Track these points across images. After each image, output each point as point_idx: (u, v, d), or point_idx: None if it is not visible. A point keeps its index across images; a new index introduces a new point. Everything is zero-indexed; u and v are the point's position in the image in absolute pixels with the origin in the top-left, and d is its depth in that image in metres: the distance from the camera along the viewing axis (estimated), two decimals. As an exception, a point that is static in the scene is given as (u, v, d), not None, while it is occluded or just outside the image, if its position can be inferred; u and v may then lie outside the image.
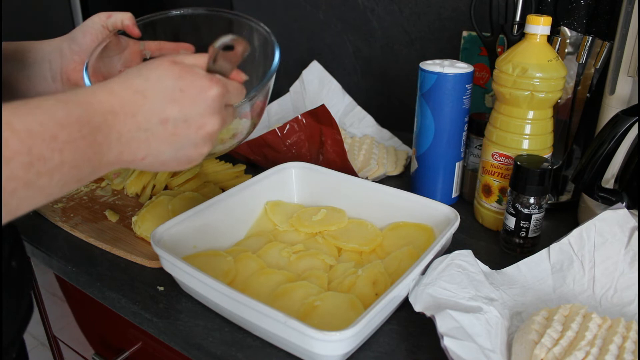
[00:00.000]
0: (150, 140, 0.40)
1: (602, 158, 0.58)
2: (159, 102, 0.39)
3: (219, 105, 0.43)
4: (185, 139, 0.41)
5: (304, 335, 0.45)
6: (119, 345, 0.74)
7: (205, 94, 0.41)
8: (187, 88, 0.41)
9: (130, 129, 0.38)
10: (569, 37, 0.69)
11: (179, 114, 0.40)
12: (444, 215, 0.64)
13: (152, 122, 0.39)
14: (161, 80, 0.40)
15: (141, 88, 0.39)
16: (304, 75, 1.07)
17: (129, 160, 0.40)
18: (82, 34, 0.61)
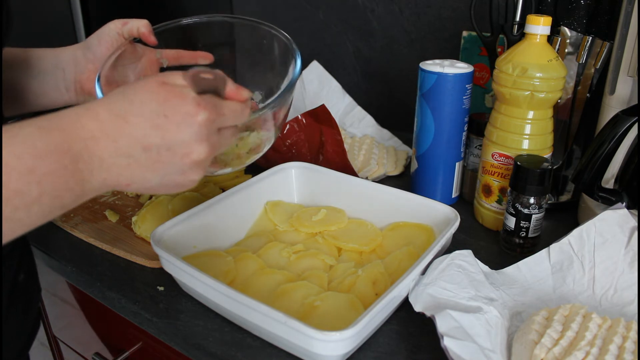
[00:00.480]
0: (133, 166, 0.38)
1: (602, 158, 0.58)
2: (141, 127, 0.37)
3: (207, 132, 0.39)
4: (170, 166, 0.39)
5: (304, 335, 0.45)
6: (118, 345, 0.74)
7: (191, 119, 0.38)
8: (172, 114, 0.38)
9: (111, 154, 0.37)
10: (569, 37, 0.69)
11: (162, 142, 0.38)
12: (444, 215, 0.64)
13: (135, 148, 0.37)
14: (145, 104, 0.38)
15: (123, 112, 0.37)
16: (304, 75, 1.07)
17: (113, 186, 0.38)
18: (97, 42, 0.60)
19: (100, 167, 0.36)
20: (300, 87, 1.08)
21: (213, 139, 0.40)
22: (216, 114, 0.40)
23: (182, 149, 0.39)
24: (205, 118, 0.39)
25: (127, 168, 0.38)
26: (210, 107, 0.39)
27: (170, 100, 0.38)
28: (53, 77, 0.60)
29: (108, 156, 0.36)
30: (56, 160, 0.34)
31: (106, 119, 0.37)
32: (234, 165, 0.60)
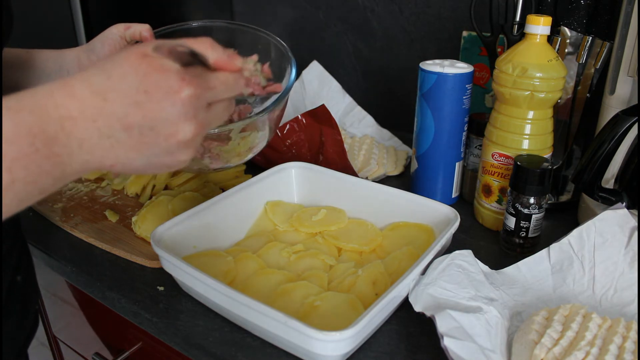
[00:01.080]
0: (115, 147, 0.35)
1: (602, 158, 0.58)
2: (120, 105, 0.34)
3: (193, 109, 0.36)
4: (155, 147, 0.36)
5: (304, 335, 0.45)
6: (118, 345, 0.74)
7: (174, 96, 0.35)
8: (153, 89, 0.34)
9: (92, 135, 0.34)
10: (569, 37, 0.69)
11: (144, 121, 0.35)
12: (444, 215, 0.64)
13: (115, 128, 0.34)
14: (124, 78, 0.34)
15: (101, 88, 0.34)
16: (304, 75, 1.07)
17: (96, 167, 0.36)
18: (100, 45, 0.61)
19: (80, 149, 0.34)
20: (300, 87, 1.08)
21: (201, 116, 0.37)
22: (203, 87, 0.37)
23: (166, 129, 0.35)
24: (190, 94, 0.36)
25: (109, 149, 0.35)
26: (195, 81, 0.36)
27: (151, 75, 0.34)
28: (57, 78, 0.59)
29: (88, 137, 0.34)
30: (28, 143, 0.31)
31: (83, 95, 0.34)
32: (234, 162, 0.63)
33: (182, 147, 0.37)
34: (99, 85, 0.34)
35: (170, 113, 0.35)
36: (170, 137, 0.36)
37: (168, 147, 0.36)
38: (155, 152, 0.36)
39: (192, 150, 0.38)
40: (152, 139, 0.35)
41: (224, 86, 0.39)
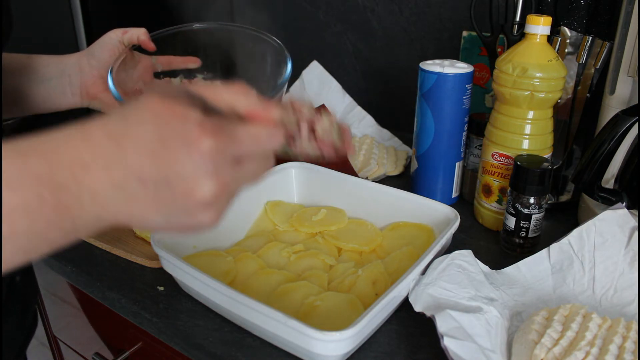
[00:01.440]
0: (130, 202, 0.30)
1: (602, 158, 0.58)
2: (134, 154, 0.30)
3: (214, 164, 0.31)
4: (173, 205, 0.31)
5: (304, 335, 0.45)
6: (118, 345, 0.74)
7: (191, 148, 0.30)
8: (170, 138, 0.30)
9: (104, 186, 0.29)
10: (569, 37, 0.69)
11: (159, 175, 0.30)
12: (444, 215, 0.64)
13: (129, 180, 0.30)
14: (142, 124, 0.30)
15: (117, 133, 0.30)
16: (304, 75, 1.07)
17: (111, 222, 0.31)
18: (100, 49, 0.64)
19: (94, 201, 0.30)
20: (300, 87, 1.08)
21: (224, 173, 0.31)
22: (227, 140, 0.31)
23: (182, 185, 0.30)
24: (210, 146, 0.30)
25: (124, 203, 0.30)
26: (219, 131, 0.31)
27: (169, 122, 0.30)
28: (59, 82, 0.63)
29: (101, 188, 0.29)
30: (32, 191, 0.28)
31: (99, 140, 0.30)
32: None
33: (200, 207, 0.31)
34: (116, 130, 0.30)
35: (187, 167, 0.30)
36: (187, 195, 0.31)
37: (186, 206, 0.31)
38: (172, 211, 0.31)
39: (215, 212, 0.32)
40: (168, 196, 0.31)
41: (254, 140, 0.33)
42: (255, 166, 0.34)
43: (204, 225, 0.33)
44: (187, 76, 0.75)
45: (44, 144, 0.29)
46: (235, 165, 0.32)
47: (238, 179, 0.33)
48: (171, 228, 0.33)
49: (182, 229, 0.33)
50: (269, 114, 0.35)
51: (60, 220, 0.29)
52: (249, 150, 0.33)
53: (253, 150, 0.33)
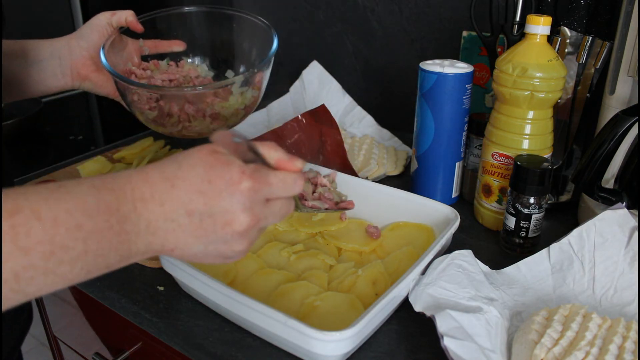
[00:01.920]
0: (177, 231, 0.37)
1: (602, 158, 0.58)
2: (186, 192, 0.37)
3: (250, 201, 0.38)
4: (212, 234, 0.38)
5: (303, 335, 0.45)
6: (118, 345, 0.74)
7: (233, 187, 0.37)
8: (215, 179, 0.37)
9: (157, 218, 0.36)
10: (569, 37, 0.69)
11: (204, 208, 0.37)
12: (444, 215, 0.64)
13: (179, 212, 0.37)
14: (192, 169, 0.37)
15: (172, 175, 0.37)
16: (304, 75, 1.07)
17: (158, 250, 0.38)
18: (89, 31, 0.66)
19: (147, 230, 0.36)
20: (300, 87, 1.08)
21: (257, 209, 0.39)
22: (262, 182, 0.39)
23: (223, 217, 0.37)
24: (249, 186, 0.38)
25: (172, 233, 0.37)
26: (255, 175, 0.38)
27: (215, 167, 0.37)
28: (50, 64, 0.65)
29: (154, 219, 0.36)
30: (104, 219, 0.34)
31: (156, 181, 0.37)
32: (231, 122, 0.70)
33: (236, 237, 0.39)
34: (170, 173, 0.37)
35: (229, 202, 0.37)
36: (226, 226, 0.38)
37: (224, 235, 0.38)
38: (211, 240, 0.38)
39: (247, 242, 0.40)
40: (210, 226, 0.37)
41: (282, 184, 0.41)
42: (280, 206, 0.41)
43: (235, 252, 0.40)
44: (173, 59, 0.77)
45: (112, 182, 0.36)
46: (266, 203, 0.40)
47: (267, 216, 0.40)
48: (208, 255, 0.39)
49: (218, 257, 0.40)
50: (294, 164, 0.42)
51: (120, 245, 0.35)
52: (277, 191, 0.40)
53: (280, 192, 0.41)
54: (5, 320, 0.53)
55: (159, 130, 0.69)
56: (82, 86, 0.69)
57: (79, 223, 0.33)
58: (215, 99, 0.68)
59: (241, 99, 0.69)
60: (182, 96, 0.67)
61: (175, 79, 0.74)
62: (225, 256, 0.40)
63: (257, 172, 0.39)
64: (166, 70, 0.75)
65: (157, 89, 0.69)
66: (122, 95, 0.68)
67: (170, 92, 0.68)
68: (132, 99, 0.67)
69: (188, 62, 0.77)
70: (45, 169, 0.90)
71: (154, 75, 0.72)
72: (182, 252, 0.39)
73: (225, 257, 0.40)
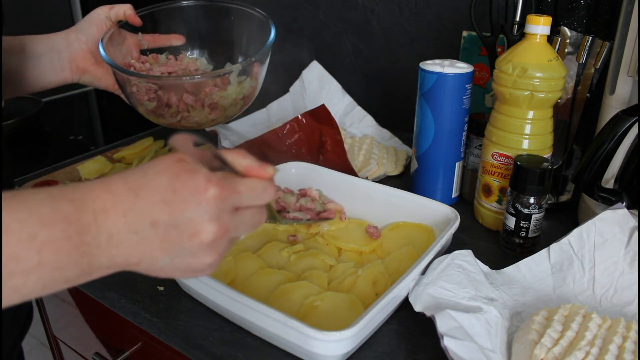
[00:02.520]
0: (141, 244, 0.35)
1: (602, 158, 0.58)
2: (150, 202, 0.35)
3: (217, 210, 0.36)
4: (179, 246, 0.36)
5: (303, 335, 0.45)
6: (118, 345, 0.74)
7: (199, 196, 0.35)
8: (180, 188, 0.35)
9: (120, 229, 0.34)
10: (569, 37, 0.69)
11: (169, 218, 0.35)
12: (444, 215, 0.64)
13: (142, 223, 0.35)
14: (157, 178, 0.35)
15: (136, 185, 0.35)
16: (304, 75, 1.07)
17: (122, 264, 0.36)
18: (88, 25, 0.67)
19: (109, 242, 0.34)
20: (300, 87, 1.08)
21: (225, 218, 0.37)
22: (229, 190, 0.37)
23: (189, 228, 0.35)
24: (215, 194, 0.36)
25: (136, 246, 0.35)
26: (222, 183, 0.36)
27: (180, 175, 0.35)
28: (49, 58, 0.66)
29: (117, 231, 0.34)
30: (61, 229, 0.32)
31: (119, 191, 0.35)
32: (230, 112, 0.70)
33: (204, 248, 0.36)
34: (134, 182, 0.35)
35: (194, 212, 0.35)
36: (192, 237, 0.36)
37: (191, 247, 0.36)
38: (178, 252, 0.36)
39: (216, 254, 0.37)
40: (175, 237, 0.35)
41: (251, 192, 0.38)
42: (251, 215, 0.39)
43: (204, 265, 0.37)
44: (172, 53, 0.77)
45: (72, 192, 0.34)
46: (235, 212, 0.38)
47: (236, 226, 0.38)
48: (176, 269, 0.37)
49: (186, 270, 0.38)
50: (264, 171, 0.40)
51: (79, 258, 0.33)
52: (246, 199, 0.38)
53: (250, 200, 0.38)
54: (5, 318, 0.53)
55: (158, 122, 0.70)
56: (81, 80, 0.69)
57: (33, 233, 0.31)
58: (213, 89, 0.68)
59: (239, 89, 0.69)
60: (181, 86, 0.67)
61: (174, 71, 0.74)
62: (194, 269, 0.38)
63: (224, 180, 0.37)
64: (165, 63, 0.75)
65: (156, 79, 0.69)
66: (121, 88, 0.68)
67: (169, 82, 0.68)
68: (131, 91, 0.67)
69: (187, 55, 0.78)
70: (45, 169, 0.90)
71: (152, 68, 0.73)
72: (148, 266, 0.36)
73: (194, 270, 0.38)
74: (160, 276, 0.38)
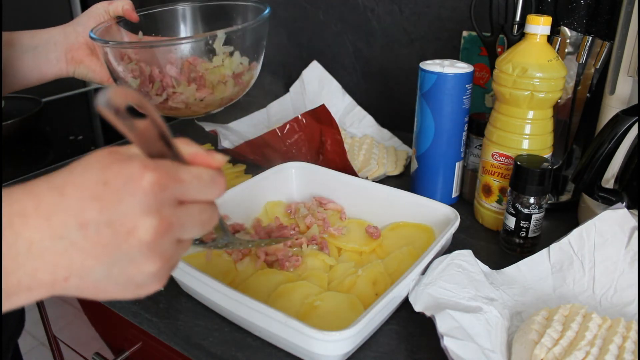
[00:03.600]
0: (69, 252, 0.29)
1: (602, 158, 0.58)
2: (77, 199, 0.29)
3: (156, 201, 0.30)
4: (115, 250, 0.30)
5: (303, 335, 0.45)
6: (118, 345, 0.74)
7: (134, 184, 0.30)
8: (112, 179, 0.30)
9: (43, 236, 0.29)
10: (569, 37, 0.69)
11: (100, 215, 0.29)
12: (444, 215, 0.64)
13: (69, 226, 0.29)
14: (85, 172, 0.30)
15: (61, 183, 0.30)
16: (304, 75, 1.07)
17: (48, 281, 0.29)
18: (86, 19, 0.69)
19: (29, 253, 0.28)
20: (300, 87, 1.08)
21: (167, 211, 0.31)
22: (170, 178, 0.31)
23: (124, 224, 0.29)
24: (152, 181, 0.30)
25: (62, 254, 0.29)
26: (162, 169, 0.31)
27: (112, 165, 0.30)
28: (44, 50, 0.67)
29: (39, 238, 0.28)
30: None
31: (41, 192, 0.29)
32: (219, 91, 0.67)
33: (144, 249, 0.30)
34: (59, 181, 0.30)
35: (129, 203, 0.30)
36: (129, 235, 0.30)
37: (128, 249, 0.30)
38: (114, 258, 0.30)
39: (158, 258, 0.31)
40: (109, 238, 0.30)
41: (197, 181, 0.33)
42: (199, 211, 0.33)
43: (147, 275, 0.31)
44: None
45: None
46: (178, 206, 0.32)
47: (182, 222, 0.32)
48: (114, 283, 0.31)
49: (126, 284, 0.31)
50: (212, 158, 0.34)
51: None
52: (191, 190, 0.33)
53: (195, 192, 0.33)
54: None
55: None
56: (77, 72, 0.70)
57: None
58: (197, 59, 0.67)
59: (228, 63, 0.66)
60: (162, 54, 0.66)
61: None
62: (135, 283, 0.31)
63: (164, 166, 0.31)
64: None
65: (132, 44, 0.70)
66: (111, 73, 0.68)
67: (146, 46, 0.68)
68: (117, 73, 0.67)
69: None
70: (45, 169, 0.90)
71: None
72: (80, 281, 0.30)
73: (137, 284, 0.32)
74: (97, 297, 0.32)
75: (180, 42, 0.67)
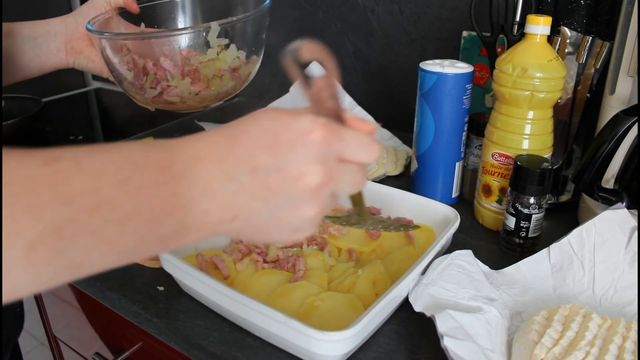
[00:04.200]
0: (238, 194, 0.32)
1: (602, 158, 0.58)
2: (249, 147, 0.33)
3: (323, 154, 0.34)
4: (281, 194, 0.33)
5: (303, 335, 0.45)
6: (118, 345, 0.74)
7: (304, 137, 0.33)
8: (283, 131, 0.33)
9: (215, 178, 0.32)
10: (569, 37, 0.69)
11: (271, 161, 0.33)
12: (444, 215, 0.64)
13: (241, 170, 0.32)
14: (257, 124, 0.34)
15: (234, 133, 0.33)
16: (304, 75, 1.07)
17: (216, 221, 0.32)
18: (87, 9, 0.69)
19: (204, 193, 0.31)
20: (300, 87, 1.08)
21: (331, 164, 0.34)
22: (335, 136, 0.34)
23: (293, 171, 0.33)
24: (321, 136, 0.33)
25: (232, 195, 0.32)
26: (329, 127, 0.34)
27: (282, 119, 0.34)
28: (45, 40, 0.67)
29: (212, 180, 0.32)
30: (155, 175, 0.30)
31: (214, 139, 0.33)
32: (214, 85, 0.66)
33: (308, 195, 0.34)
34: (232, 131, 0.34)
35: (300, 153, 0.33)
36: (297, 181, 0.33)
37: (294, 193, 0.33)
38: (279, 202, 0.33)
39: (318, 205, 0.34)
40: (277, 183, 0.33)
41: (357, 142, 0.36)
42: (353, 170, 0.36)
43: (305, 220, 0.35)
44: None
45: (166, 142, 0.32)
46: (339, 162, 0.35)
47: (341, 177, 0.35)
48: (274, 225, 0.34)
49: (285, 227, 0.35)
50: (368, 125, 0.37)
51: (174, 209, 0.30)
52: (351, 150, 0.35)
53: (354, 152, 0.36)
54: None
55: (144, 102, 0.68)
56: (76, 62, 0.70)
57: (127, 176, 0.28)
58: (191, 52, 0.66)
59: (223, 57, 0.66)
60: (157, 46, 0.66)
61: None
62: (293, 226, 0.35)
63: (330, 125, 0.34)
64: None
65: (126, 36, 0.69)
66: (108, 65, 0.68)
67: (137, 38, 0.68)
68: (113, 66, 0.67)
69: None
70: (45, 169, 0.90)
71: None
72: (245, 221, 0.33)
73: (294, 227, 0.35)
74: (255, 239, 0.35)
75: (172, 34, 0.66)
